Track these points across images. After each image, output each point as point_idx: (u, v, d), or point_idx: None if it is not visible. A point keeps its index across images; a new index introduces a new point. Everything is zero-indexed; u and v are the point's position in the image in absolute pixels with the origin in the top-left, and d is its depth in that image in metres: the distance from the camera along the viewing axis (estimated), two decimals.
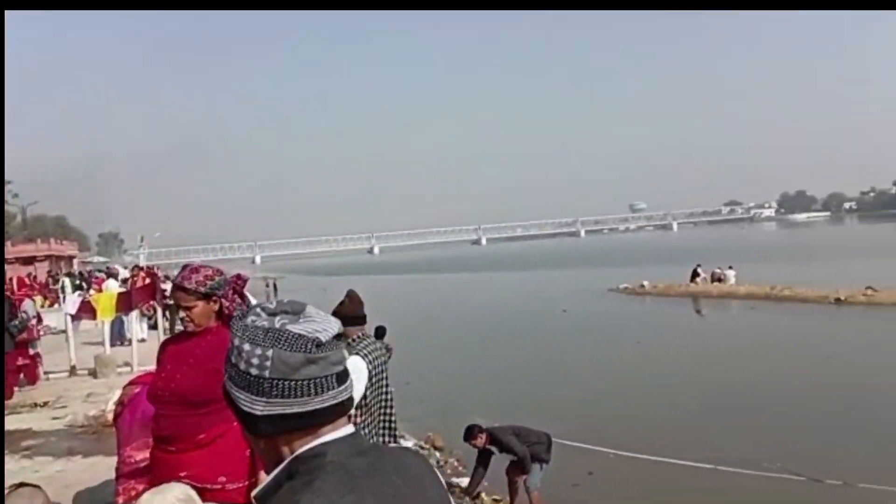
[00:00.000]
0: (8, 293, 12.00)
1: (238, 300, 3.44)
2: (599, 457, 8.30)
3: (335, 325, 1.20)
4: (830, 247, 52.86)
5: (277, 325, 1.17)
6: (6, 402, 10.55)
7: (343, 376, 1.20)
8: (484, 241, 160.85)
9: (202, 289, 3.19)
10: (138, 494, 4.51)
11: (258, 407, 1.17)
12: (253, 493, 1.21)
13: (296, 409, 1.16)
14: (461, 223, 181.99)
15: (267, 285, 43.83)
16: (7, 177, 24.98)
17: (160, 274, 18.36)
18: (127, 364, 12.39)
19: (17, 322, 10.96)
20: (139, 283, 15.82)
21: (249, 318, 1.21)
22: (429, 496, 1.23)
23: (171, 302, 13.58)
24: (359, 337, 4.09)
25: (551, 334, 18.56)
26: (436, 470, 1.30)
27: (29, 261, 47.67)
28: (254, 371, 1.16)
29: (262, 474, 3.19)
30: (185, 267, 3.29)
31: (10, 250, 51.81)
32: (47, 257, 51.07)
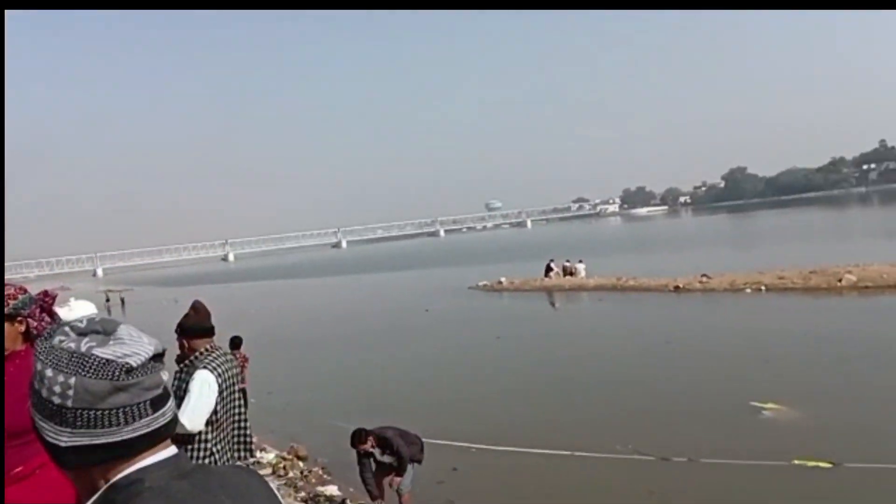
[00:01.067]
0: None
1: (47, 319, 3.17)
2: (462, 452, 8.45)
3: (150, 347, 1.12)
4: (668, 239, 57.08)
5: (83, 349, 1.08)
6: None
7: (160, 401, 1.12)
8: (344, 244, 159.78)
9: (6, 310, 2.94)
10: None
11: (63, 438, 1.08)
12: None
13: (104, 440, 1.08)
14: (320, 227, 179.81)
15: (107, 300, 40.48)
16: None
17: None
18: None
19: None
20: None
21: (57, 339, 1.11)
22: None
23: None
24: (207, 349, 3.90)
25: (414, 334, 18.71)
26: (271, 487, 1.24)
27: None
28: (56, 400, 1.07)
29: None
30: None
31: None
32: None
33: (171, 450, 1.14)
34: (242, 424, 3.93)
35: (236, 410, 3.93)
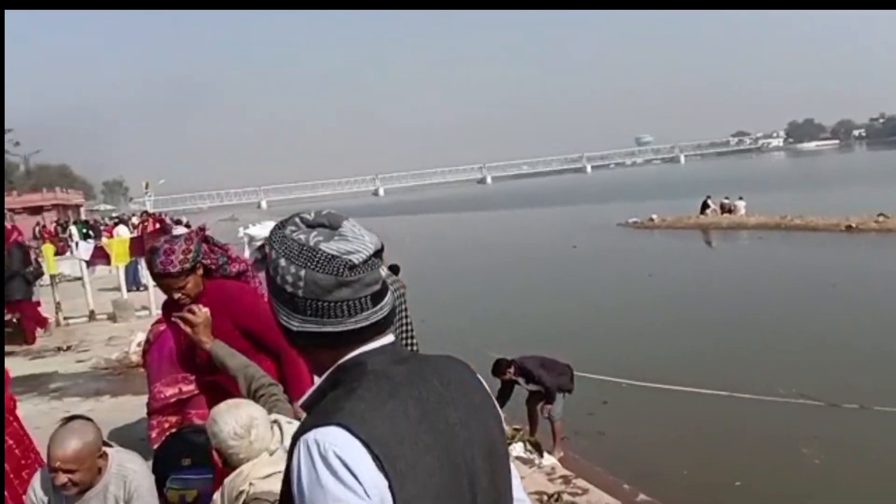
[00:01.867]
0: (21, 239, 12.06)
1: (214, 248, 3.38)
2: (612, 386, 8.44)
3: (371, 245, 1.17)
4: (840, 175, 52.46)
5: (312, 243, 1.15)
6: (30, 346, 10.81)
7: (379, 296, 1.19)
8: (489, 180, 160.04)
9: (187, 265, 3.11)
10: (171, 427, 4.66)
11: (294, 323, 1.18)
12: (299, 403, 1.24)
13: (329, 329, 1.17)
14: (466, 162, 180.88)
15: None
16: (7, 124, 24.81)
17: (168, 219, 18.45)
18: (145, 308, 12.56)
19: (31, 269, 11.09)
20: (150, 229, 15.91)
21: (288, 229, 1.19)
22: (473, 400, 1.24)
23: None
24: None
25: (562, 270, 18.65)
26: (479, 377, 1.30)
27: (36, 210, 47.77)
28: (288, 288, 1.16)
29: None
30: (153, 252, 3.12)
31: (17, 200, 51.84)
32: (54, 206, 51.15)
33: (390, 337, 1.22)
34: (411, 341, 4.14)
35: (405, 328, 4.14)
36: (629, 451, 6.83)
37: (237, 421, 2.48)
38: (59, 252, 20.46)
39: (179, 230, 15.76)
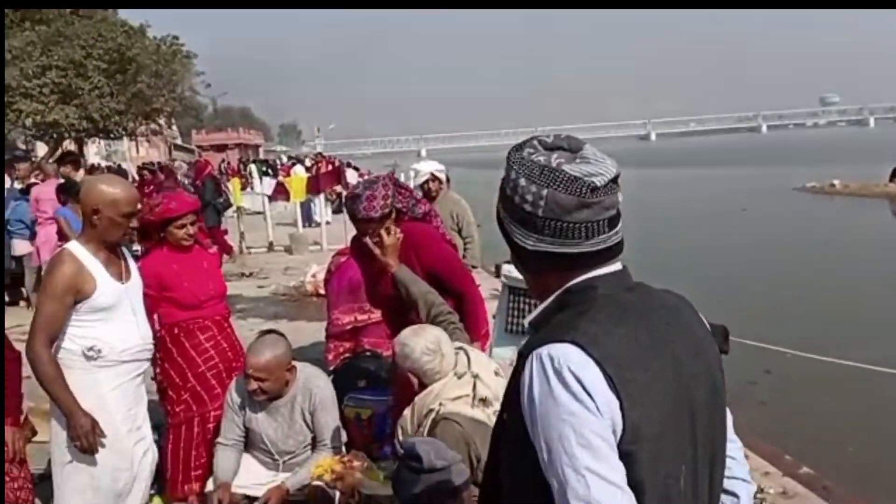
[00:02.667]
0: (214, 172, 13.19)
1: (401, 191, 3.50)
2: (775, 356, 8.04)
3: (612, 169, 1.18)
4: None
5: (554, 164, 1.17)
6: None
7: (615, 220, 1.19)
8: (653, 136, 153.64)
9: (387, 210, 3.22)
10: (346, 351, 5.02)
11: (529, 242, 1.19)
12: (527, 320, 1.27)
13: (564, 250, 1.18)
14: (627, 118, 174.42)
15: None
16: (199, 68, 26.95)
17: (338, 161, 19.36)
18: (317, 243, 13.42)
19: (222, 199, 12.13)
20: (323, 170, 16.84)
21: (526, 151, 1.21)
22: (696, 334, 1.25)
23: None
24: None
25: (728, 232, 17.77)
26: (700, 314, 1.30)
27: (221, 148, 51.86)
28: (527, 207, 1.18)
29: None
30: (353, 200, 3.22)
31: (205, 138, 56.39)
32: (237, 145, 55.27)
33: (618, 264, 1.23)
34: None
35: None
36: (792, 423, 6.51)
37: (426, 339, 2.65)
38: (241, 188, 22.19)
39: (351, 173, 16.60)
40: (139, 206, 2.99)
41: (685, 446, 1.18)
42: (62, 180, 8.42)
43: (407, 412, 2.65)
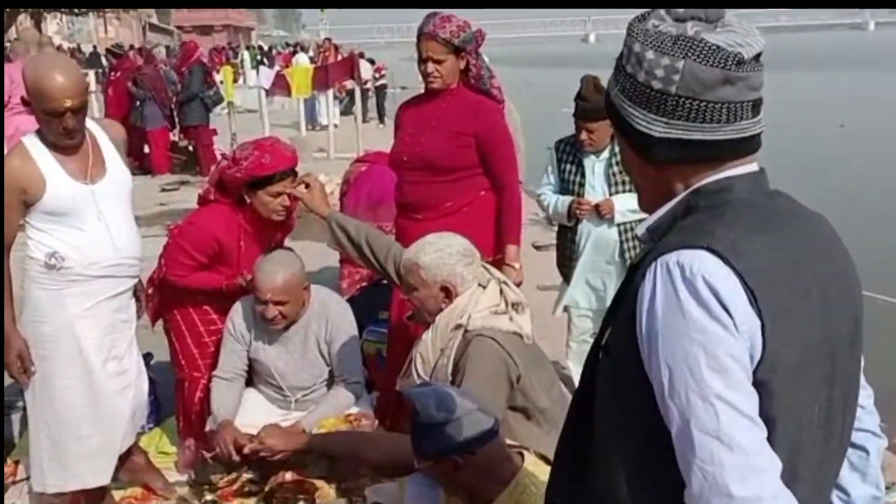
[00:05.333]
0: (203, 58, 13.03)
1: (480, 65, 3.57)
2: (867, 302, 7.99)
3: (761, 41, 1.14)
4: None
5: (691, 33, 1.13)
6: (203, 177, 11.92)
7: (758, 105, 1.16)
8: None
9: (455, 40, 3.37)
10: (362, 279, 5.06)
11: (656, 128, 1.16)
12: (643, 227, 1.26)
13: (699, 136, 1.15)
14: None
15: None
16: None
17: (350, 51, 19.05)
18: (322, 150, 13.39)
19: (211, 92, 11.95)
20: (331, 59, 16.60)
21: (651, 22, 1.17)
22: (839, 256, 1.23)
23: (367, 86, 14.00)
24: None
25: (822, 153, 17.49)
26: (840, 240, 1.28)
27: (206, 30, 51.31)
28: (656, 84, 1.15)
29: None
30: (431, 15, 3.41)
31: (186, 16, 55.64)
32: (225, 27, 54.61)
33: (755, 165, 1.21)
34: None
35: None
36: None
37: (459, 243, 2.69)
38: (233, 79, 22.02)
39: (365, 66, 16.38)
40: (70, 102, 2.77)
41: (822, 383, 1.17)
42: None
43: (427, 335, 2.70)
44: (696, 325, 1.08)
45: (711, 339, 1.07)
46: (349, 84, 14.68)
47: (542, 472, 2.14)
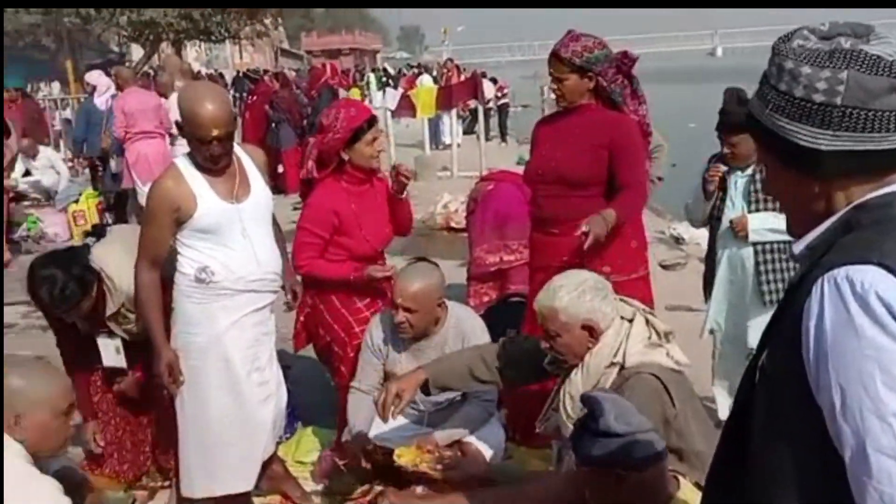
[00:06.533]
0: (333, 82, 13.47)
1: (623, 82, 3.55)
2: None
3: None
4: None
5: (846, 46, 1.14)
6: None
7: None
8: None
9: (577, 60, 3.39)
10: (490, 300, 5.10)
11: (823, 141, 1.16)
12: (802, 244, 1.23)
13: (868, 146, 1.14)
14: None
15: None
16: None
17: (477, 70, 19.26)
18: (446, 168, 13.57)
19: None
20: (454, 80, 16.84)
21: (795, 42, 1.18)
22: None
23: (490, 105, 14.09)
24: None
25: None
26: None
27: (334, 54, 52.94)
28: (818, 98, 1.14)
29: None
30: (566, 34, 3.50)
31: (315, 42, 57.67)
32: (352, 50, 56.25)
33: None
34: None
35: None
36: None
37: (589, 277, 2.68)
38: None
39: (488, 85, 16.53)
40: (218, 131, 2.93)
41: None
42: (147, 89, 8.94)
43: (576, 375, 2.64)
44: (869, 342, 1.06)
45: (886, 356, 1.05)
46: (472, 103, 14.82)
47: (698, 498, 2.11)
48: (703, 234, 4.31)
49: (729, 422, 1.36)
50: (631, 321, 2.64)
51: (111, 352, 3.47)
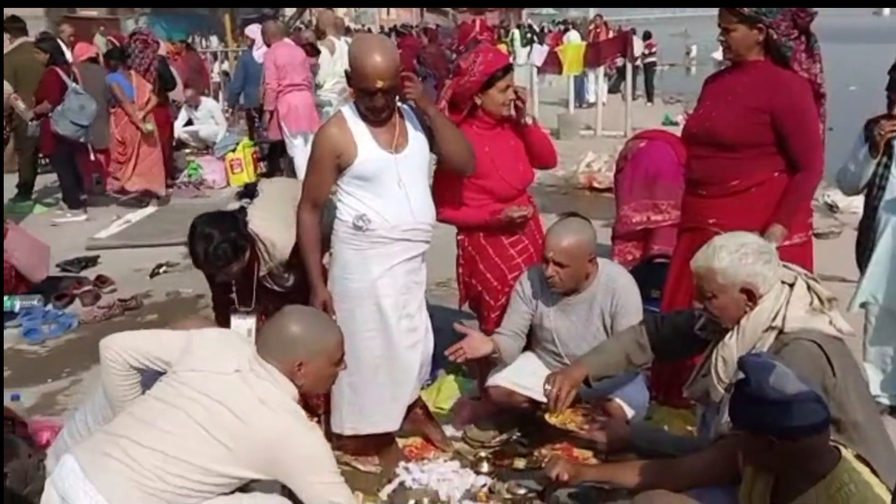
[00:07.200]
0: (481, 37, 13.45)
1: (799, 38, 3.36)
2: None
3: None
4: None
5: None
6: None
7: None
8: None
9: (746, 9, 3.23)
10: (634, 260, 5.03)
11: None
12: None
13: None
14: None
15: None
16: None
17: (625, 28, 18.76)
18: (589, 127, 13.37)
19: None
20: (602, 36, 16.48)
21: None
22: None
23: (637, 63, 13.60)
24: None
25: None
26: None
27: (480, 10, 52.54)
28: None
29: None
30: None
31: None
32: (497, 6, 55.61)
33: None
34: None
35: None
36: None
37: (754, 241, 2.58)
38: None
39: (637, 42, 16.09)
40: (383, 83, 2.98)
41: None
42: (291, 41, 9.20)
43: (731, 339, 2.57)
44: None
45: None
46: (620, 61, 14.48)
47: (863, 472, 2.02)
48: (859, 203, 4.05)
49: None
50: (792, 286, 2.54)
51: (243, 333, 3.48)
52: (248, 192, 3.72)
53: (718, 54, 12.37)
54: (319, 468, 2.39)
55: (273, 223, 3.45)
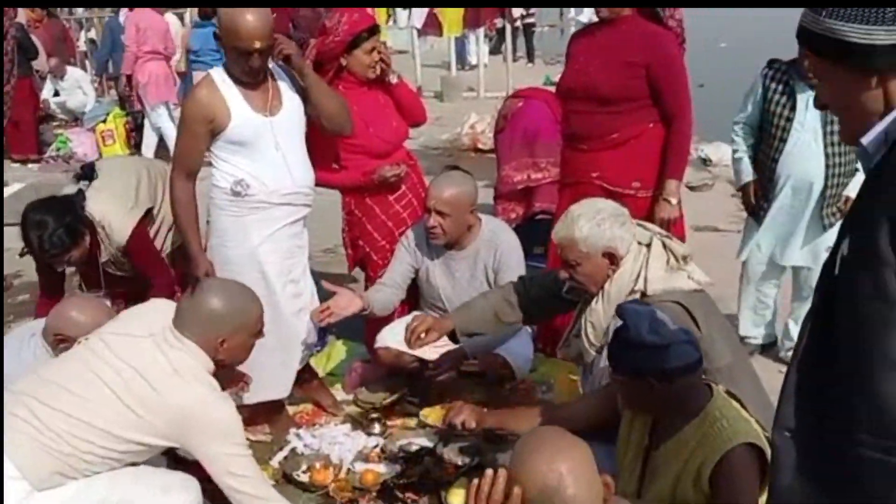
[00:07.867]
0: None
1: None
2: None
3: None
4: None
5: None
6: None
7: None
8: None
9: None
10: (517, 217, 5.12)
11: (879, 36, 1.22)
12: (865, 140, 1.28)
13: None
14: None
15: None
16: None
17: None
18: (472, 89, 13.45)
19: None
20: None
21: None
22: None
23: (517, 24, 13.66)
24: None
25: None
26: None
27: None
28: None
29: None
30: None
31: None
32: None
33: None
34: None
35: None
36: None
37: (607, 205, 2.67)
38: (386, 20, 22.17)
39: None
40: (260, 43, 2.91)
41: None
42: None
43: (597, 304, 2.64)
44: None
45: None
46: (499, 22, 14.53)
47: (732, 407, 2.13)
48: (729, 156, 4.15)
49: (812, 317, 1.39)
50: (648, 246, 2.64)
51: None
52: (86, 173, 3.57)
53: (584, 17, 12.65)
54: (229, 440, 2.38)
55: (110, 204, 3.35)
